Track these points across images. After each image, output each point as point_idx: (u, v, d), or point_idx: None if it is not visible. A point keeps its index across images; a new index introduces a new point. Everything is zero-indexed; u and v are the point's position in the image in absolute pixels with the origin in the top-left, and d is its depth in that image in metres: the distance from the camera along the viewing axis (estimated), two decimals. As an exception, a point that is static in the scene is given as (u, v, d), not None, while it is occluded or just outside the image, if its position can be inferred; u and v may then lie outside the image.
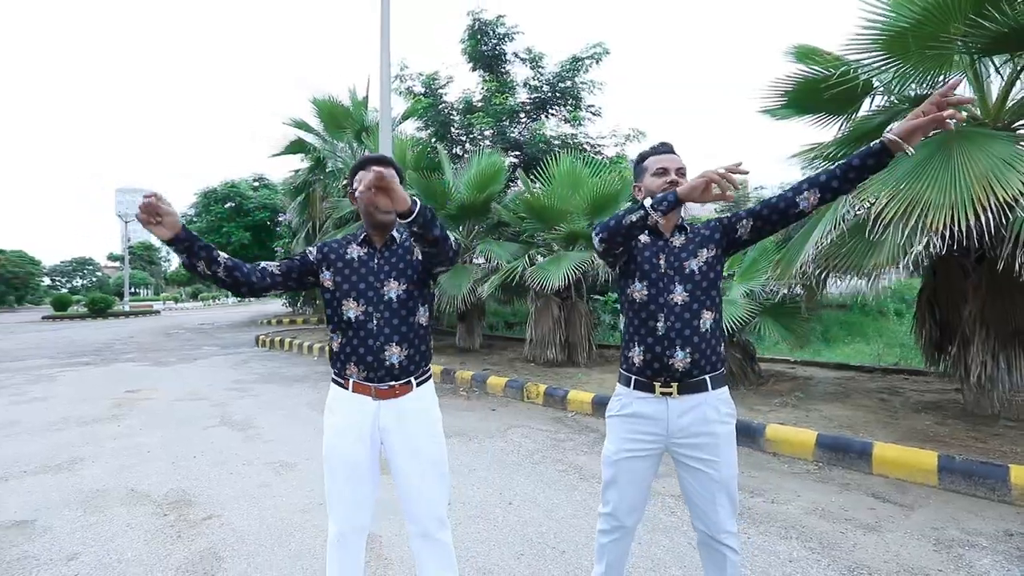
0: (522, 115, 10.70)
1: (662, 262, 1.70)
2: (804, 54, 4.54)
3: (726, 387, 1.71)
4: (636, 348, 1.69)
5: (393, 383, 1.64)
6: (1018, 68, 3.47)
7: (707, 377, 1.65)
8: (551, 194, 6.56)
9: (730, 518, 1.66)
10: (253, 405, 5.72)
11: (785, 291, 4.58)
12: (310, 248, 1.74)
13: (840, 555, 2.37)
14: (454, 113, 10.89)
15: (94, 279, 59.63)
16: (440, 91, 11.23)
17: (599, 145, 10.33)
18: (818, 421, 3.96)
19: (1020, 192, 2.75)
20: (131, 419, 5.15)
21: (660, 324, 1.65)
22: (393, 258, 1.68)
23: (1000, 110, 3.68)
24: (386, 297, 1.65)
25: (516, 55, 10.58)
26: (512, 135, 10.19)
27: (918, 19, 3.13)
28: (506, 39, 10.38)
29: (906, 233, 3.02)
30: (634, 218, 1.55)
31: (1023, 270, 2.83)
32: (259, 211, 18.00)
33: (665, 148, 1.77)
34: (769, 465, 3.51)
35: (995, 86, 3.77)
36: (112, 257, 72.28)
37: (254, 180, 19.51)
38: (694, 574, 2.24)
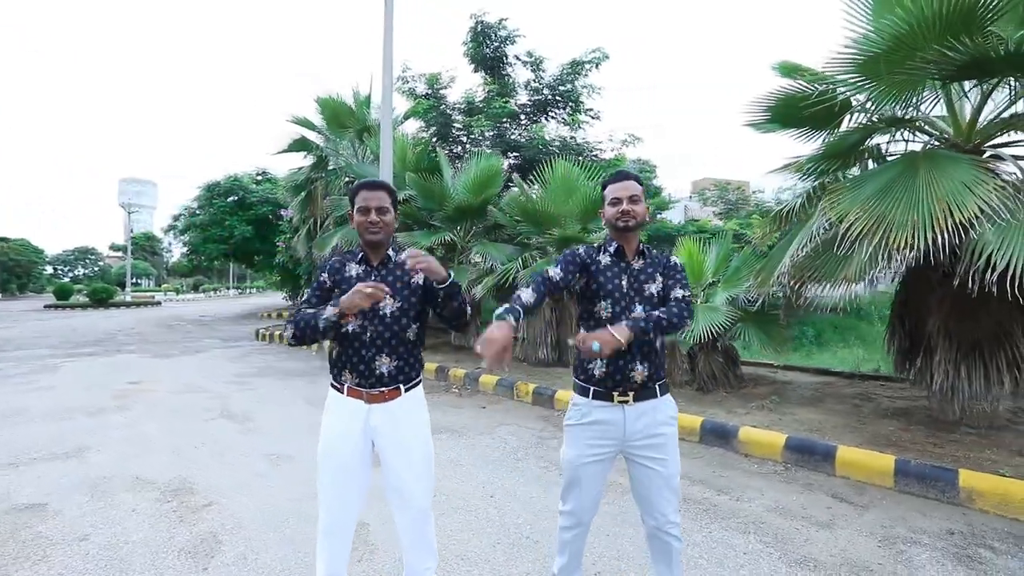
0: (522, 117, 10.86)
1: (624, 283, 1.88)
2: (788, 70, 4.71)
3: (669, 393, 1.91)
4: (599, 361, 1.86)
5: (383, 389, 1.83)
6: (985, 93, 3.64)
7: (657, 385, 1.85)
8: (546, 198, 6.74)
9: (675, 510, 1.85)
10: (252, 399, 5.92)
11: (765, 298, 4.76)
12: (323, 276, 1.90)
13: (791, 549, 2.56)
14: (456, 114, 11.05)
15: (96, 269, 59.90)
16: (442, 92, 11.39)
17: (597, 148, 10.50)
18: (790, 424, 4.15)
19: (976, 215, 2.93)
20: (135, 410, 5.35)
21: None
22: (389, 276, 1.86)
23: (971, 132, 3.85)
24: (380, 312, 1.82)
25: (517, 58, 10.74)
26: (512, 137, 10.36)
27: (893, 44, 3.29)
28: (508, 42, 10.54)
29: (869, 251, 3.20)
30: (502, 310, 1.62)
31: (976, 288, 3.00)
32: (261, 205, 18.18)
33: (620, 176, 1.92)
34: (739, 465, 3.70)
35: (967, 108, 3.93)
36: (114, 247, 72.51)
37: (257, 174, 19.68)
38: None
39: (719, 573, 2.36)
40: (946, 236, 2.97)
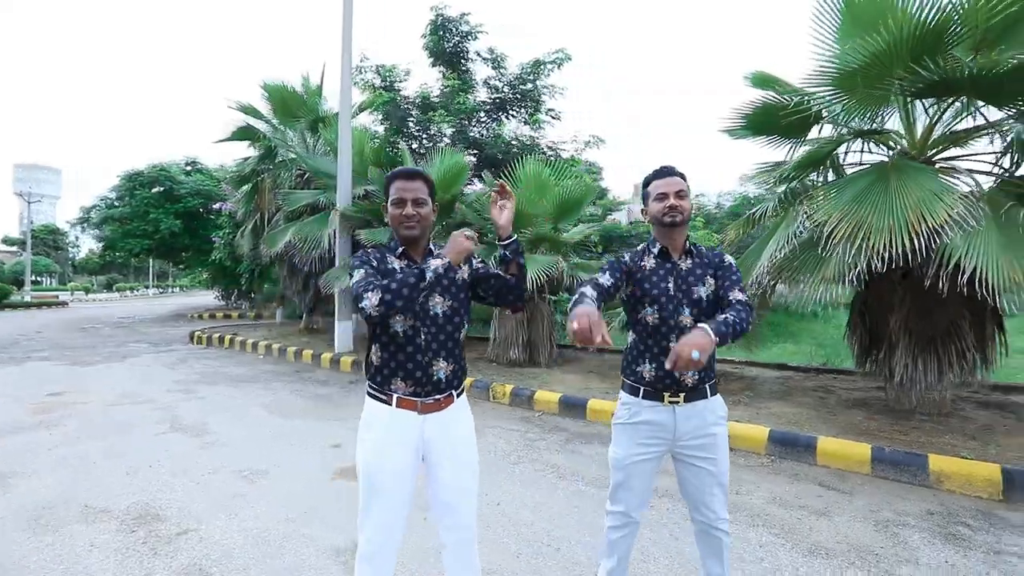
0: (482, 114, 10.72)
1: (671, 285, 1.82)
2: (761, 80, 4.94)
3: (719, 393, 1.90)
4: (647, 364, 1.82)
5: (439, 396, 1.68)
6: (941, 111, 3.99)
7: (707, 386, 1.83)
8: (519, 197, 6.65)
9: (724, 507, 1.85)
10: (202, 408, 5.41)
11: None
12: (368, 252, 1.70)
13: (800, 539, 2.66)
14: (412, 108, 10.72)
15: (-17, 265, 52.78)
16: (398, 85, 11.00)
17: (559, 149, 10.56)
18: (768, 418, 4.35)
19: (946, 221, 3.20)
20: (64, 426, 4.72)
21: (674, 344, 1.78)
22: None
23: (925, 144, 4.21)
24: (432, 312, 1.66)
25: (478, 54, 10.57)
26: (472, 134, 10.19)
27: (867, 62, 3.52)
28: (469, 37, 10.34)
29: (852, 252, 3.41)
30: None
31: (945, 287, 3.28)
32: (191, 197, 16.75)
33: (664, 172, 1.86)
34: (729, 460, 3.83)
35: (920, 125, 4.29)
36: (8, 241, 64.09)
37: (186, 164, 18.13)
38: (678, 560, 2.44)
39: (742, 567, 2.41)
40: (920, 241, 3.22)
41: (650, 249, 1.91)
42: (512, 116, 11.02)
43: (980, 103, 3.86)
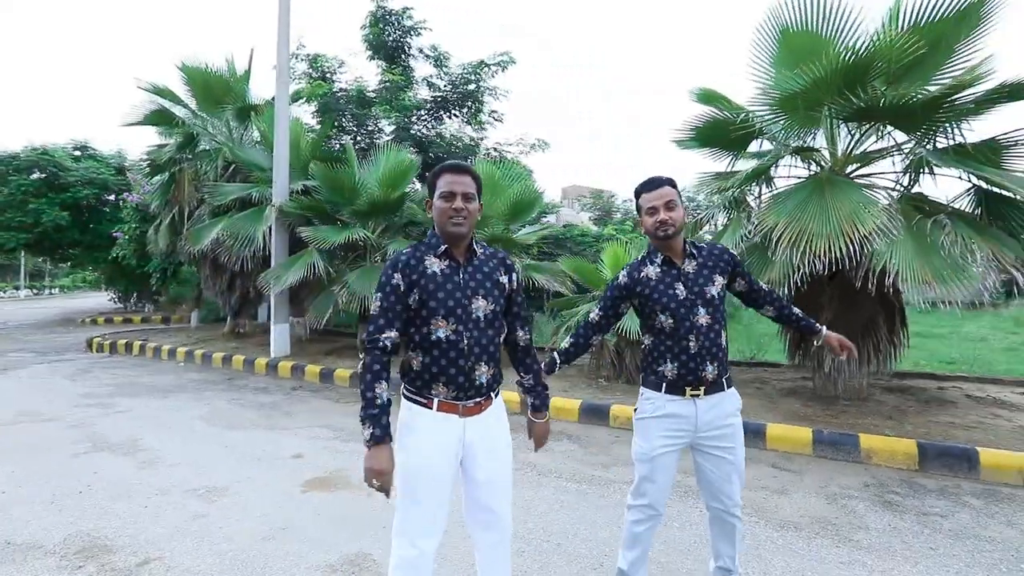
0: (423, 113, 10.52)
1: (681, 290, 1.92)
2: (706, 96, 5.33)
3: (734, 386, 2.05)
4: (669, 364, 1.92)
5: (479, 399, 1.67)
6: (861, 134, 4.56)
7: (724, 379, 1.98)
8: (472, 197, 6.64)
9: (739, 495, 2.01)
10: (129, 423, 4.83)
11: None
12: (394, 276, 1.62)
13: (771, 516, 2.93)
14: (350, 103, 10.26)
15: None
16: (330, 76, 10.49)
17: (505, 151, 10.64)
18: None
19: (874, 229, 3.67)
20: (-46, 451, 4.00)
21: (692, 344, 1.89)
22: (478, 275, 1.67)
23: (844, 162, 4.79)
24: (475, 315, 1.63)
25: (421, 51, 10.37)
26: (414, 132, 9.97)
27: (807, 88, 3.96)
28: (412, 32, 10.11)
29: (797, 255, 3.81)
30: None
31: (873, 288, 3.77)
32: (82, 187, 14.76)
33: (653, 184, 1.93)
34: (690, 448, 4.11)
35: (840, 145, 4.87)
36: None
37: (74, 148, 15.95)
38: (672, 548, 2.59)
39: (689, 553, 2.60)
40: (853, 247, 3.68)
41: (652, 259, 1.99)
42: (454, 116, 10.94)
43: (890, 128, 4.47)
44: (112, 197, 14.88)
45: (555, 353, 2.09)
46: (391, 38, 10.08)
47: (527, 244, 7.59)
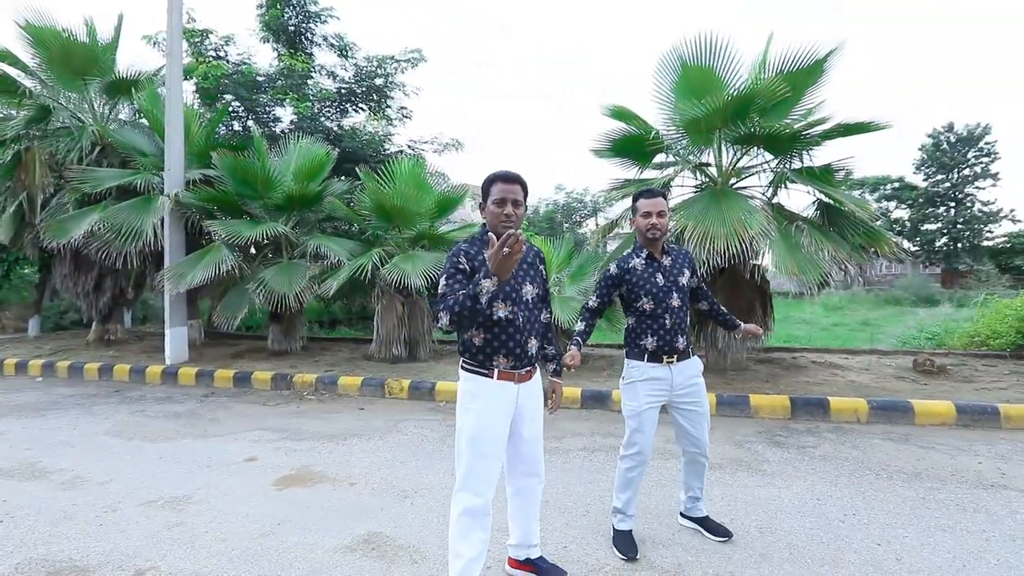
0: (328, 105, 10.09)
1: (660, 279, 2.46)
2: (618, 113, 6.08)
3: (695, 355, 2.63)
4: (650, 338, 2.44)
5: (529, 368, 1.99)
6: (741, 153, 5.63)
7: (690, 350, 2.54)
8: (399, 195, 6.67)
9: (707, 438, 2.58)
10: (11, 448, 4.13)
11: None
12: (460, 260, 1.87)
13: (701, 462, 3.64)
14: (239, 86, 9.44)
15: None
16: (210, 53, 9.53)
17: (419, 148, 10.62)
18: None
19: (759, 232, 4.64)
20: None
21: (668, 322, 2.43)
22: (524, 264, 2.00)
23: (728, 176, 5.86)
24: (525, 298, 1.96)
25: (325, 38, 9.91)
26: (325, 125, 9.53)
27: (706, 115, 4.84)
28: (316, 19, 9.63)
29: (704, 252, 4.65)
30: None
31: (759, 278, 4.75)
32: None
33: (652, 194, 2.48)
34: (618, 419, 4.76)
35: (724, 161, 5.93)
36: None
37: None
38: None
39: (667, 490, 3.21)
40: (744, 245, 4.61)
41: (637, 253, 2.51)
42: (360, 109, 10.64)
43: (762, 150, 5.59)
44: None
45: (577, 338, 2.46)
46: (292, 23, 9.50)
47: (453, 240, 7.82)
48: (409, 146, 10.33)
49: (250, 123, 9.98)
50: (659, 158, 6.10)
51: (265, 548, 2.53)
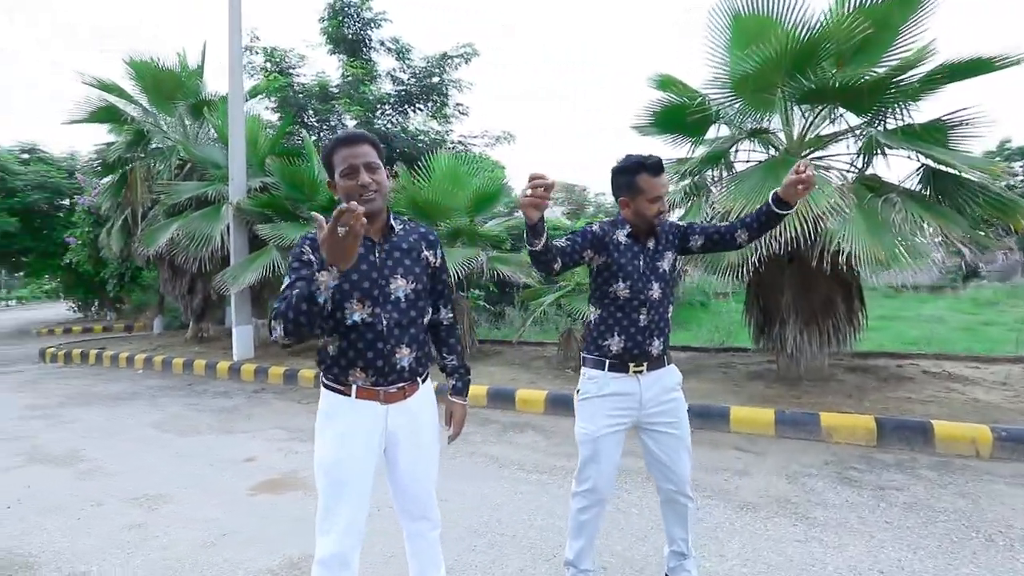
0: (387, 107, 10.33)
1: (641, 263, 1.88)
2: (665, 83, 5.31)
3: (673, 362, 2.00)
4: (616, 337, 1.87)
5: (402, 384, 1.56)
6: (814, 116, 4.60)
7: (665, 356, 1.94)
8: (434, 190, 6.51)
9: (688, 472, 1.96)
10: (72, 434, 4.58)
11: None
12: (303, 250, 1.48)
13: (730, 497, 2.91)
14: (310, 97, 10.01)
15: None
16: (291, 71, 10.21)
17: (469, 144, 10.52)
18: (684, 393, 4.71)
19: (826, 209, 3.69)
20: None
21: (643, 317, 1.85)
22: (396, 252, 1.56)
23: (800, 145, 4.83)
24: (393, 296, 1.53)
25: (382, 43, 10.16)
26: (377, 126, 9.77)
27: (757, 69, 3.95)
28: (372, 25, 9.90)
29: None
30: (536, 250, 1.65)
31: (828, 267, 3.79)
32: (31, 191, 14.07)
33: (659, 169, 1.79)
34: (655, 434, 4.09)
35: (796, 127, 4.91)
36: None
37: (22, 151, 15.21)
38: (628, 535, 2.54)
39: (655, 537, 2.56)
40: (807, 226, 3.69)
41: (621, 226, 1.91)
42: (419, 110, 10.76)
43: (842, 110, 4.51)
44: (67, 202, 14.26)
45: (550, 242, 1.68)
46: (351, 31, 9.85)
47: (496, 236, 7.50)
48: (460, 142, 10.21)
49: (323, 132, 10.55)
50: (715, 132, 5.22)
51: (195, 562, 2.39)
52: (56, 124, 8.98)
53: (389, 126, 10.31)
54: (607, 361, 1.89)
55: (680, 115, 4.75)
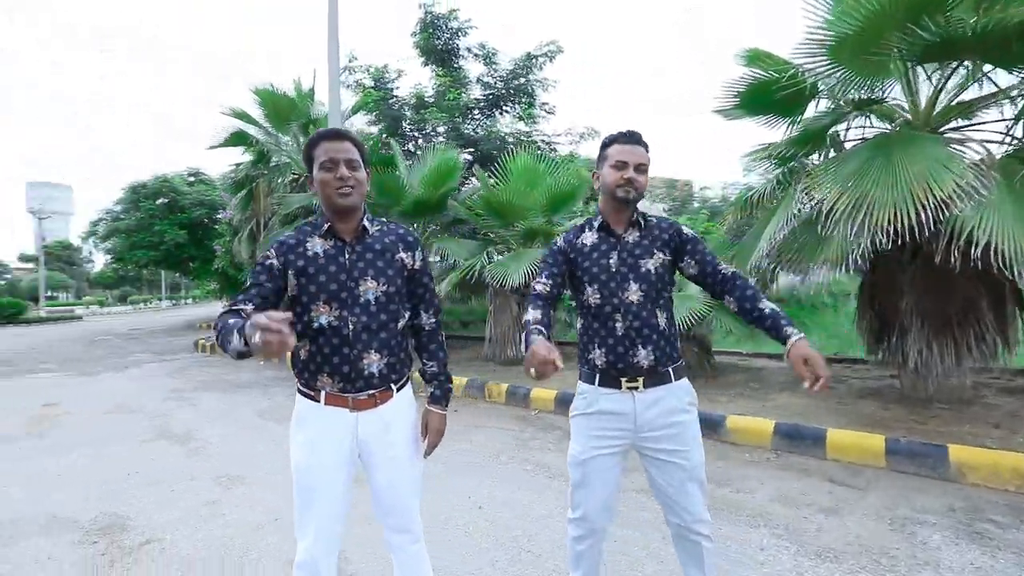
0: (476, 112, 10.57)
1: (614, 261, 1.64)
2: (754, 57, 4.70)
3: (685, 377, 1.69)
4: (597, 350, 1.64)
5: (373, 392, 1.50)
6: (946, 76, 3.73)
7: (670, 369, 1.64)
8: (509, 191, 6.50)
9: (703, 507, 1.66)
10: (195, 415, 5.31)
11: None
12: (267, 255, 1.49)
13: (807, 540, 2.44)
14: (406, 108, 10.61)
15: (2, 282, 54.06)
16: (390, 85, 10.90)
17: (554, 143, 10.39)
18: (773, 410, 4.11)
19: (954, 191, 2.95)
20: (53, 436, 4.64)
21: (619, 324, 1.61)
22: (368, 253, 1.51)
23: (930, 115, 3.96)
24: (362, 299, 1.48)
25: (469, 50, 10.44)
26: (466, 131, 10.05)
27: (860, 26, 3.29)
28: (459, 34, 10.22)
29: (854, 229, 3.17)
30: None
31: (957, 264, 3.03)
32: (195, 208, 16.86)
33: (632, 137, 1.65)
34: (731, 455, 3.60)
35: (923, 94, 4.03)
36: (24, 258, 65.64)
37: (189, 175, 18.28)
38: (670, 568, 2.23)
39: (740, 573, 2.19)
40: (928, 214, 2.98)
41: (591, 224, 1.72)
42: (506, 112, 10.86)
43: (988, 67, 3.60)
44: (222, 215, 16.86)
45: (535, 327, 1.51)
46: (440, 42, 10.25)
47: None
48: (544, 142, 10.08)
49: (420, 140, 11.14)
50: (814, 108, 4.49)
51: (242, 544, 2.58)
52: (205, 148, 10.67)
53: (479, 131, 10.55)
54: (597, 375, 1.66)
55: (767, 91, 4.16)
